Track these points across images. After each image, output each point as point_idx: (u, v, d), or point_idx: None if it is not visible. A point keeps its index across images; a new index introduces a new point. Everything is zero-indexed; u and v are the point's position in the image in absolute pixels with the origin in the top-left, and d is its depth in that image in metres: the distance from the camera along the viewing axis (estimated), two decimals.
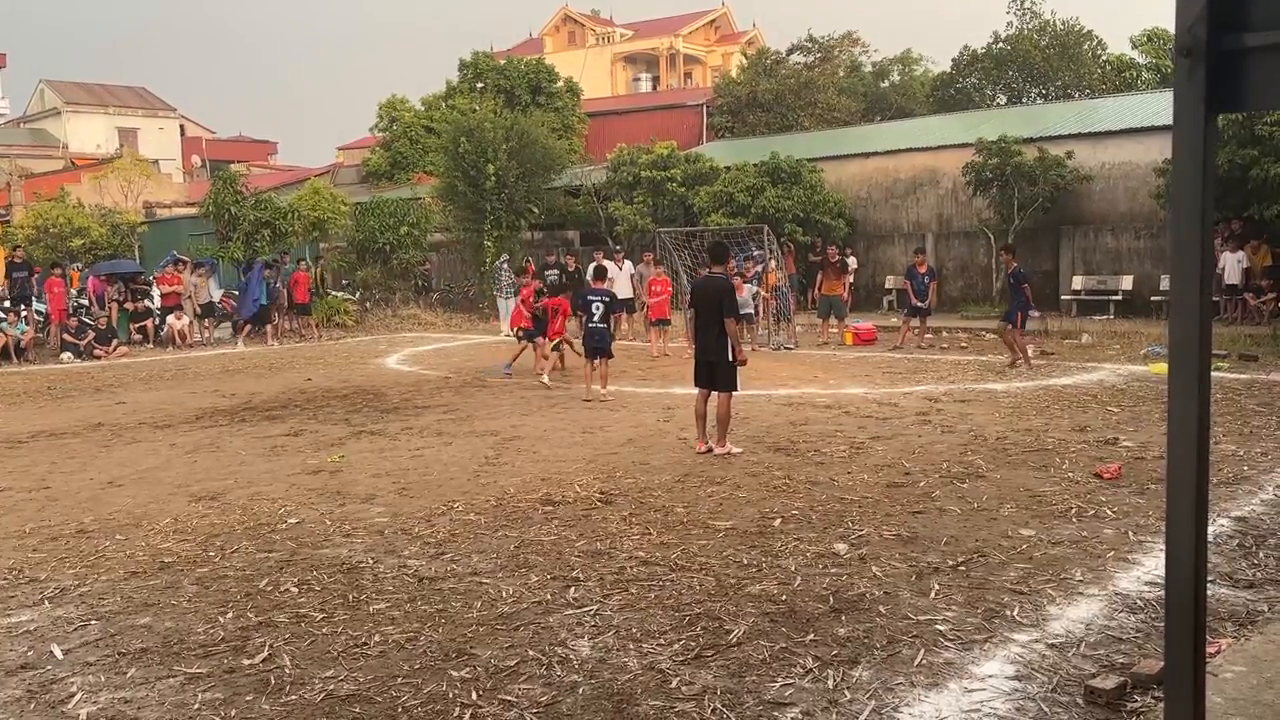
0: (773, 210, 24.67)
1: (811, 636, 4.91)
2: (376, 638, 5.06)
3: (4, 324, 20.86)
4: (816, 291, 20.14)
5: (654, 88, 58.94)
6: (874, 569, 5.88)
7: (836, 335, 19.10)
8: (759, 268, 19.45)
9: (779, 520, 6.99)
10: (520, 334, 15.62)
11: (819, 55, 42.75)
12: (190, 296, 23.79)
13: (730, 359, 9.31)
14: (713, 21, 64.04)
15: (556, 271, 23.68)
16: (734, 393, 9.45)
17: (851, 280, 22.95)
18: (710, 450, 9.32)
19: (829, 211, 25.53)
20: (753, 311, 17.98)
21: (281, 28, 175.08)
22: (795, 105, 39.16)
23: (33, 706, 4.42)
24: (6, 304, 23.16)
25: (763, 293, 18.82)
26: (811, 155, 27.16)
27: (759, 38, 59.24)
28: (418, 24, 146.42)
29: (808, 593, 5.52)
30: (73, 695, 4.52)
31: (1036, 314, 17.35)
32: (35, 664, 4.90)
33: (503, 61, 42.36)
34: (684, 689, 4.38)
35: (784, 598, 5.44)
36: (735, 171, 26.53)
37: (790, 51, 43.27)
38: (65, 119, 58.22)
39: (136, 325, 23.24)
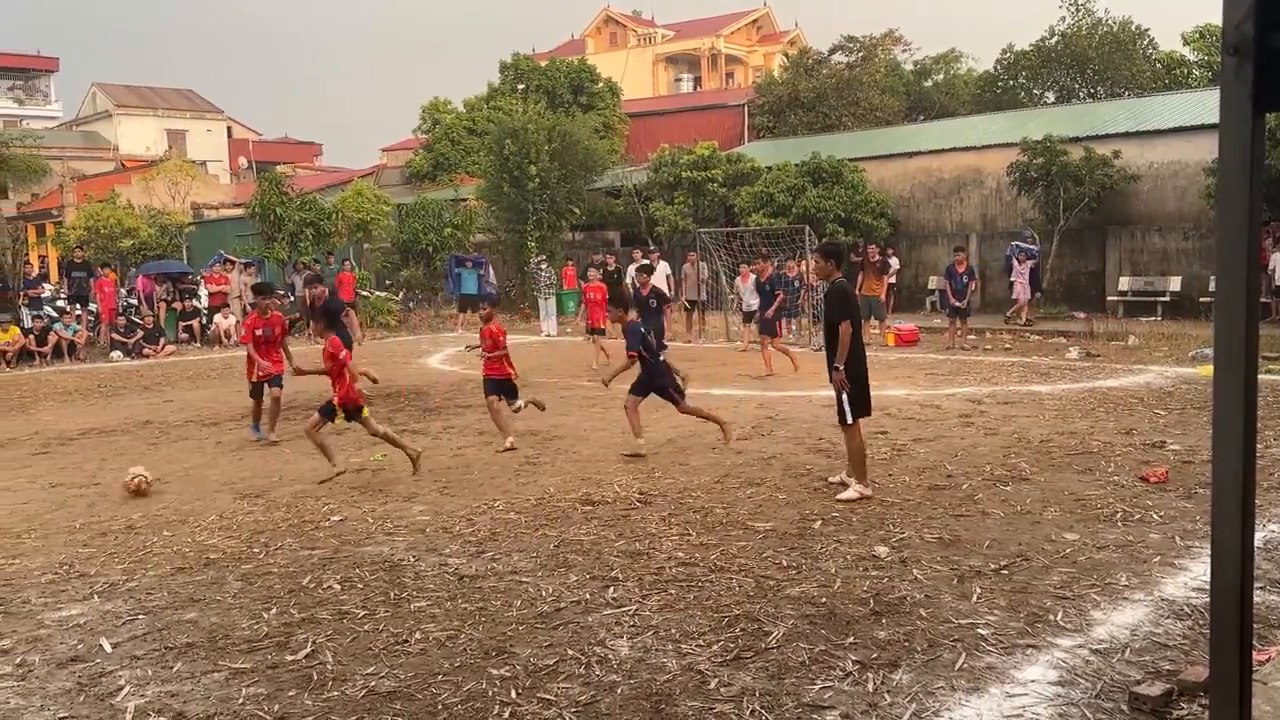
0: (814, 210, 24.54)
1: (851, 639, 4.88)
2: (417, 635, 5.10)
3: (58, 324, 21.32)
4: (857, 292, 19.91)
5: (695, 88, 58.91)
6: (915, 572, 5.83)
7: (878, 336, 18.94)
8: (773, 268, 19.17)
9: (819, 522, 6.95)
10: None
11: (860, 55, 42.50)
12: (239, 296, 24.14)
13: (833, 378, 7.66)
14: (754, 21, 63.89)
15: (600, 272, 23.76)
16: (847, 424, 7.65)
17: (893, 281, 22.77)
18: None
19: (871, 212, 25.34)
20: (755, 309, 17.03)
21: (326, 31, 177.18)
22: (837, 105, 38.97)
23: (82, 699, 4.51)
24: (60, 304, 23.65)
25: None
26: (853, 155, 26.99)
27: (800, 37, 59.00)
28: (461, 26, 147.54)
29: (848, 595, 5.48)
30: (121, 688, 4.60)
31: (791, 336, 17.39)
32: (85, 657, 4.99)
33: (544, 63, 42.58)
34: (723, 690, 4.37)
35: (824, 600, 5.41)
36: (776, 172, 26.43)
37: (832, 51, 43.06)
38: (116, 121, 59.24)
39: (184, 324, 23.63)
